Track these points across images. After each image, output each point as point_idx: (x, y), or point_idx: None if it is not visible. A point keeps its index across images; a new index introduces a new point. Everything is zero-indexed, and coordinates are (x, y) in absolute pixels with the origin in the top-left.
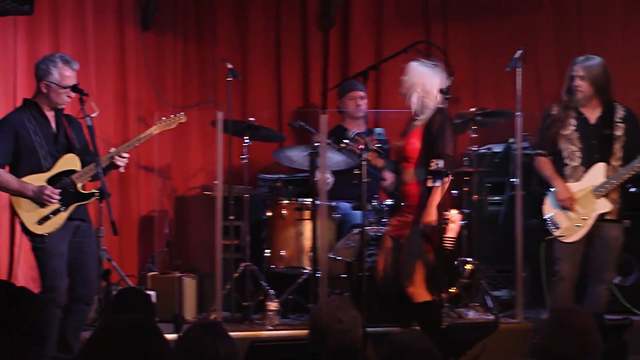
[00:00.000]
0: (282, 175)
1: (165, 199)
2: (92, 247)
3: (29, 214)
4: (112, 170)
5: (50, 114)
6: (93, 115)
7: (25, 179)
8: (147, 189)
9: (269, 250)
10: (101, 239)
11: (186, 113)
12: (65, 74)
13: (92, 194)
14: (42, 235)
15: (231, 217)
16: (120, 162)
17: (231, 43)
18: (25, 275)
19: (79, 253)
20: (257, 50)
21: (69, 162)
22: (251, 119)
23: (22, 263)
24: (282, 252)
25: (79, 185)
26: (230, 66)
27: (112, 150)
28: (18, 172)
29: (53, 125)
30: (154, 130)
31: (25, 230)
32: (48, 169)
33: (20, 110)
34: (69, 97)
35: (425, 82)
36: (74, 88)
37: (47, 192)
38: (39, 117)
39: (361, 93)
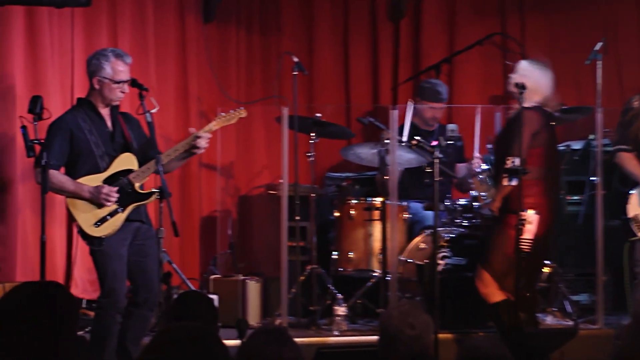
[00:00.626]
0: (350, 174)
1: (228, 198)
2: (153, 249)
3: (86, 216)
4: (188, 157)
5: (105, 112)
6: (153, 111)
7: (81, 180)
8: (210, 188)
9: (336, 253)
10: (161, 240)
11: (250, 109)
12: (117, 69)
13: (151, 194)
14: (100, 238)
15: (297, 218)
16: (203, 142)
17: (297, 35)
18: (83, 278)
19: (140, 256)
20: (323, 43)
21: (126, 161)
22: (318, 114)
23: (79, 266)
24: (350, 255)
25: (137, 185)
26: (295, 59)
27: (168, 151)
28: (74, 174)
29: (109, 123)
30: (213, 125)
31: (82, 233)
32: (104, 169)
33: (74, 110)
34: (122, 92)
35: (534, 81)
36: (134, 83)
37: (105, 191)
38: (93, 116)
39: (441, 105)
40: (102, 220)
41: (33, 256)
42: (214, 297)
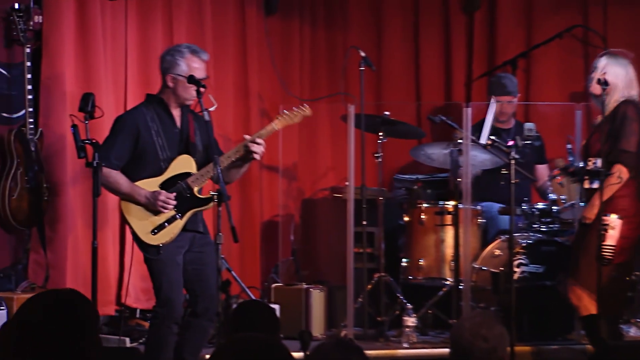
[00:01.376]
0: (421, 176)
1: (290, 202)
2: (211, 257)
3: (142, 223)
4: (243, 163)
5: (176, 112)
6: (211, 109)
7: (138, 183)
8: (271, 191)
9: (406, 260)
10: (220, 246)
11: (314, 106)
12: (193, 66)
13: (210, 199)
14: (156, 246)
15: (364, 223)
16: (256, 148)
17: (364, 28)
18: (136, 286)
19: (198, 264)
20: (393, 36)
21: (183, 163)
22: (386, 112)
23: (133, 273)
24: (421, 262)
25: (196, 189)
26: (363, 54)
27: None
28: (133, 177)
29: (178, 124)
30: (276, 125)
31: (138, 240)
32: (163, 173)
33: (143, 107)
34: (197, 92)
35: (618, 77)
36: (190, 79)
37: (162, 197)
38: (164, 116)
39: (510, 98)
40: (160, 227)
41: (84, 263)
42: (276, 306)
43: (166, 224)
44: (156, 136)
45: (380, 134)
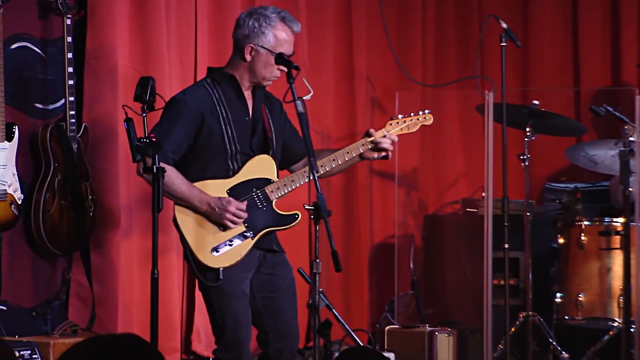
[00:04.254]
0: (581, 185)
1: (409, 218)
2: (286, 280)
3: (200, 237)
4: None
5: (247, 94)
6: (306, 97)
7: (199, 185)
8: (384, 205)
9: (560, 294)
10: (317, 277)
11: (441, 94)
12: (282, 38)
13: (294, 218)
14: (217, 270)
15: (506, 246)
16: (388, 144)
17: None
18: (208, 329)
19: (269, 290)
20: (543, 4)
21: (262, 166)
22: (535, 102)
23: (205, 312)
24: (581, 297)
25: (275, 202)
26: (505, 25)
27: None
28: (190, 176)
29: (250, 110)
30: (386, 132)
31: (194, 261)
32: (233, 174)
33: (207, 84)
34: (280, 70)
35: None
36: (278, 59)
37: (232, 208)
38: (233, 99)
39: None
40: (223, 245)
41: (141, 298)
42: (390, 355)
43: (232, 241)
44: (225, 125)
45: (528, 129)
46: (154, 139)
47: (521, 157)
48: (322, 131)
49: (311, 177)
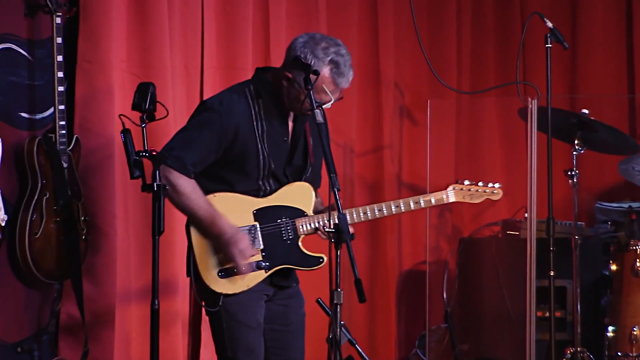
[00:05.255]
0: (636, 204)
1: (442, 243)
2: (299, 315)
3: (210, 255)
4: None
5: (290, 114)
6: (326, 106)
7: (228, 196)
8: (414, 227)
9: (613, 328)
10: (339, 307)
11: (478, 102)
12: (324, 89)
13: (318, 261)
14: (217, 295)
15: (551, 274)
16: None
17: None
18: None
19: (279, 323)
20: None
21: (300, 195)
22: (585, 111)
23: (205, 345)
24: (635, 331)
25: (302, 238)
26: (550, 25)
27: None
28: (215, 186)
29: (290, 132)
30: (450, 196)
31: (195, 278)
32: (265, 195)
33: (248, 94)
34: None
35: None
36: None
37: (241, 246)
38: (274, 115)
39: None
40: (232, 270)
41: (139, 332)
42: None
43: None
44: (260, 143)
45: (576, 141)
46: (154, 153)
47: (569, 173)
48: (344, 144)
49: (334, 194)
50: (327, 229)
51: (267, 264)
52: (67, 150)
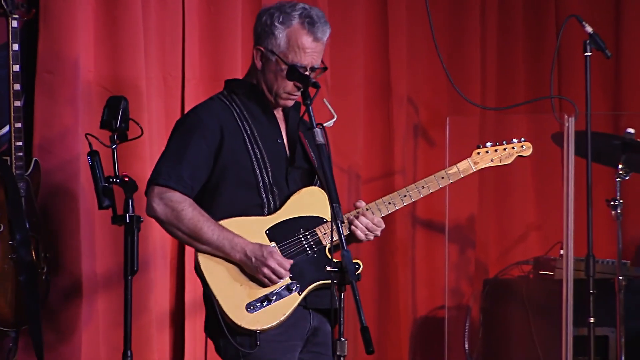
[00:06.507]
0: None
1: (463, 284)
2: None
3: (233, 292)
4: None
5: (277, 112)
6: (328, 124)
7: (227, 223)
8: (430, 265)
9: None
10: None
11: (506, 119)
12: (298, 43)
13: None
14: (254, 333)
15: (591, 320)
16: (360, 231)
17: None
18: None
19: None
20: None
21: (313, 201)
22: (630, 130)
23: None
24: None
25: (328, 247)
26: (590, 30)
27: (361, 204)
28: (214, 211)
29: (283, 131)
30: (473, 164)
31: (224, 321)
32: (272, 211)
33: (222, 98)
34: (298, 87)
35: None
36: (292, 72)
37: (272, 263)
38: (258, 114)
39: None
40: (261, 301)
41: None
42: None
43: (272, 298)
44: (252, 145)
45: (620, 166)
46: (126, 179)
47: (611, 203)
48: (349, 168)
49: (337, 228)
50: (328, 268)
51: (298, 285)
52: (24, 175)
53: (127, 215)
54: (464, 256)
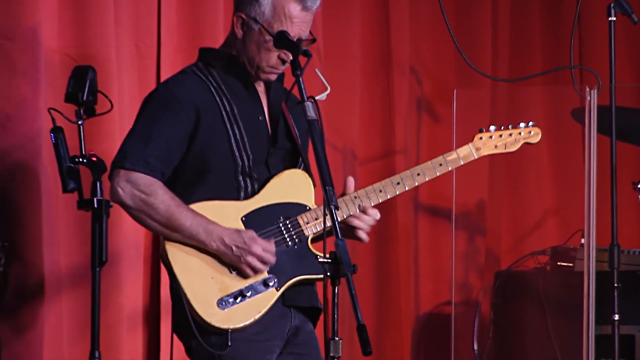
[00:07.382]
0: None
1: (473, 277)
2: None
3: (202, 285)
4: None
5: (258, 85)
6: (320, 97)
7: (199, 208)
8: (435, 256)
9: None
10: None
11: (520, 92)
12: (288, 12)
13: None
14: (225, 332)
15: (615, 318)
16: (361, 223)
17: None
18: None
19: None
20: None
21: (295, 186)
22: None
23: None
24: None
25: (310, 238)
26: None
27: (351, 183)
28: (188, 195)
29: (265, 106)
30: (474, 151)
31: (192, 317)
32: (250, 195)
33: (197, 70)
34: (284, 60)
35: None
36: (280, 40)
37: (257, 249)
38: (238, 88)
39: None
40: (235, 296)
41: None
42: None
43: (248, 293)
44: (231, 124)
45: None
46: (94, 159)
47: (638, 186)
48: (344, 147)
49: (331, 213)
50: (320, 259)
51: (275, 280)
52: None
53: (95, 199)
54: (473, 246)
